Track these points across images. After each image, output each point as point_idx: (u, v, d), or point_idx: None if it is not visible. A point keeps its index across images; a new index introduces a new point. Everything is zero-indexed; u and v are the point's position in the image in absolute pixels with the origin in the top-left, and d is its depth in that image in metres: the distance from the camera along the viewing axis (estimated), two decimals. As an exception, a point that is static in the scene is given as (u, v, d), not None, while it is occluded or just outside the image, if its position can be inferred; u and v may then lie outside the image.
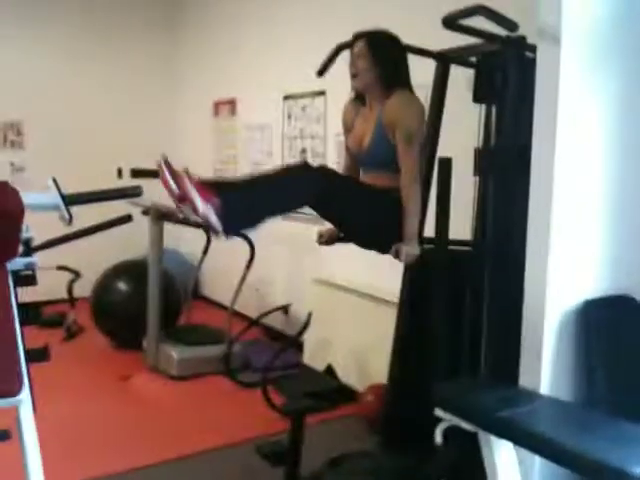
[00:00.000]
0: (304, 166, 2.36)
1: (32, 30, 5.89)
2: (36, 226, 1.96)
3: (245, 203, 2.15)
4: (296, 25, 4.78)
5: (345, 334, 3.97)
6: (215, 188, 2.08)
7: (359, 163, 2.64)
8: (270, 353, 3.87)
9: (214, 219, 2.03)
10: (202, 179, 2.09)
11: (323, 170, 2.43)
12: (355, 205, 2.41)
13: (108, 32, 6.19)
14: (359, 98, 2.61)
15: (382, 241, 2.43)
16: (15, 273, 1.75)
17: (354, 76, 2.52)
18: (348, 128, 2.67)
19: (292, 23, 4.83)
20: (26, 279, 1.84)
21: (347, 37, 2.66)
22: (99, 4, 6.14)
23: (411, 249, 2.37)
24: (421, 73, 2.66)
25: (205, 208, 2.01)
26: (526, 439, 1.68)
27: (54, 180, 1.87)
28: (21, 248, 1.78)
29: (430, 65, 2.73)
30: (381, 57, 2.46)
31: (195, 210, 2.00)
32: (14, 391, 1.37)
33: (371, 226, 2.45)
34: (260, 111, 5.32)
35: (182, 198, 2.00)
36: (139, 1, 6.35)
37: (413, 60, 2.57)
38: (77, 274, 5.17)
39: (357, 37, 2.52)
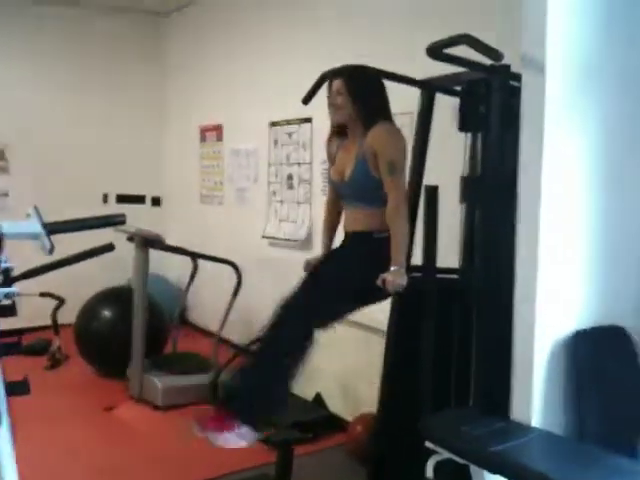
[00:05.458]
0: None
1: (17, 56, 5.89)
2: (18, 253, 1.92)
3: (257, 404, 2.38)
4: (282, 53, 4.80)
5: (334, 362, 3.92)
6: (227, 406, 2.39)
7: (341, 195, 2.64)
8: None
9: (239, 437, 2.32)
10: (212, 408, 2.37)
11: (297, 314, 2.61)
12: (342, 285, 2.47)
13: (95, 60, 6.19)
14: (340, 132, 2.62)
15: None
16: (-7, 304, 1.70)
17: (333, 111, 2.52)
18: (331, 160, 2.68)
19: (278, 51, 4.85)
20: (5, 310, 1.79)
21: (333, 65, 2.66)
22: (86, 34, 6.16)
23: (398, 278, 2.36)
24: (407, 101, 2.66)
25: (225, 439, 2.31)
26: (519, 474, 1.65)
27: (35, 208, 1.84)
28: (0, 277, 1.73)
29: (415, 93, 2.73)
30: (360, 94, 2.47)
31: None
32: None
33: (366, 281, 2.43)
34: (246, 137, 5.31)
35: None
36: (126, 31, 6.37)
37: (399, 88, 2.58)
38: (62, 301, 5.09)
39: (335, 74, 2.52)
